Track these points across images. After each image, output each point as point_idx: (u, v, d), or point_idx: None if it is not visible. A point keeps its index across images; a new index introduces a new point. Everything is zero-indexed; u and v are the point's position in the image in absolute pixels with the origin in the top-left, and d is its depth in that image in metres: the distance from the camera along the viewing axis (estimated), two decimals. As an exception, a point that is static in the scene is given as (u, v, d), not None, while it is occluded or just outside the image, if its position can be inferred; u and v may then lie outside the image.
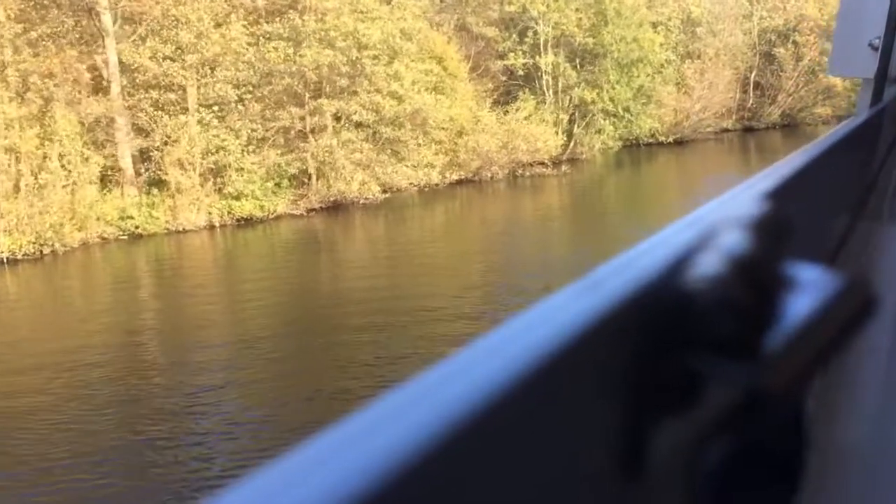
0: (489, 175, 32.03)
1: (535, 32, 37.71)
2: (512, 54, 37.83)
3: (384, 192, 28.38)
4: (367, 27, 26.80)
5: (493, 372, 0.30)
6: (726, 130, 46.23)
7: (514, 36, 38.20)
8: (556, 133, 36.25)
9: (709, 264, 0.44)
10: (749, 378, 0.42)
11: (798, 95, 48.48)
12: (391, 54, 27.89)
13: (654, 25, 42.19)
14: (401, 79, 28.06)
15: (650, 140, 41.67)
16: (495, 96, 36.99)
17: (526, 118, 35.05)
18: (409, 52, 29.37)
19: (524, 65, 37.82)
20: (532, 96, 37.50)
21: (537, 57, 37.59)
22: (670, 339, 0.43)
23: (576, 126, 37.87)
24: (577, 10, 37.66)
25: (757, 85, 48.85)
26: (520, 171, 32.80)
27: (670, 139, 42.06)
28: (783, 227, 0.49)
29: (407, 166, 29.41)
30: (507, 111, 35.23)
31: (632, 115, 40.34)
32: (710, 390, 0.44)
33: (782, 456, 0.50)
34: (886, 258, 2.16)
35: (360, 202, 27.53)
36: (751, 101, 48.57)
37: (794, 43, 47.63)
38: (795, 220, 0.64)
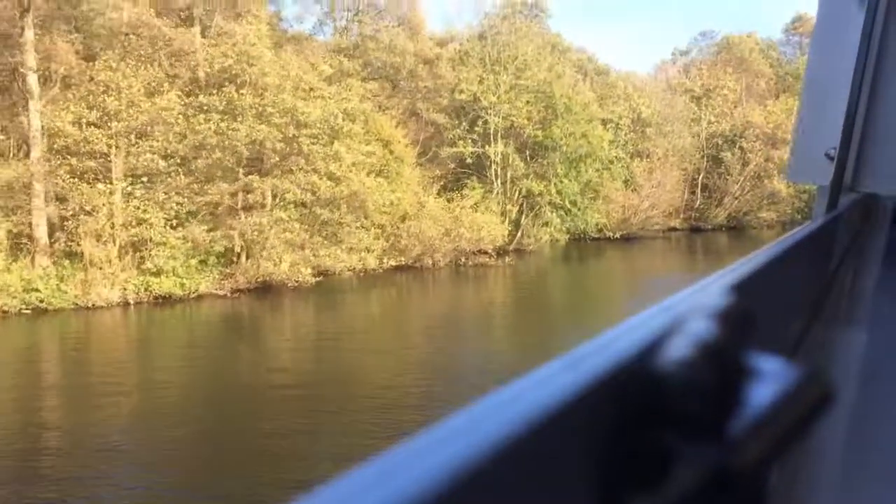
0: (430, 262, 30.86)
1: (486, 122, 37.52)
2: (461, 142, 37.44)
3: (317, 275, 26.88)
4: (307, 105, 25.93)
5: (468, 447, 0.30)
6: (674, 229, 46.31)
7: (464, 124, 37.94)
8: (503, 223, 35.54)
9: (680, 349, 0.47)
10: (715, 459, 0.44)
11: (744, 199, 49.13)
12: (332, 134, 26.96)
13: (605, 122, 42.52)
14: (340, 159, 27.05)
15: (598, 235, 41.31)
16: (443, 182, 36.36)
17: (472, 206, 34.30)
18: (353, 133, 28.52)
19: (473, 153, 37.42)
20: (480, 185, 36.97)
21: (487, 146, 37.27)
22: (643, 419, 0.45)
23: (523, 217, 37.29)
24: (527, 102, 37.68)
25: (704, 187, 49.44)
26: (463, 260, 31.70)
27: (617, 235, 41.77)
28: (748, 320, 0.53)
29: (342, 249, 28.04)
30: (452, 198, 34.46)
31: (579, 209, 40.01)
32: (679, 469, 0.45)
33: None
34: (841, 357, 2.26)
35: (290, 285, 25.96)
36: (698, 202, 49.02)
37: (741, 148, 48.60)
38: (759, 314, 0.66)
